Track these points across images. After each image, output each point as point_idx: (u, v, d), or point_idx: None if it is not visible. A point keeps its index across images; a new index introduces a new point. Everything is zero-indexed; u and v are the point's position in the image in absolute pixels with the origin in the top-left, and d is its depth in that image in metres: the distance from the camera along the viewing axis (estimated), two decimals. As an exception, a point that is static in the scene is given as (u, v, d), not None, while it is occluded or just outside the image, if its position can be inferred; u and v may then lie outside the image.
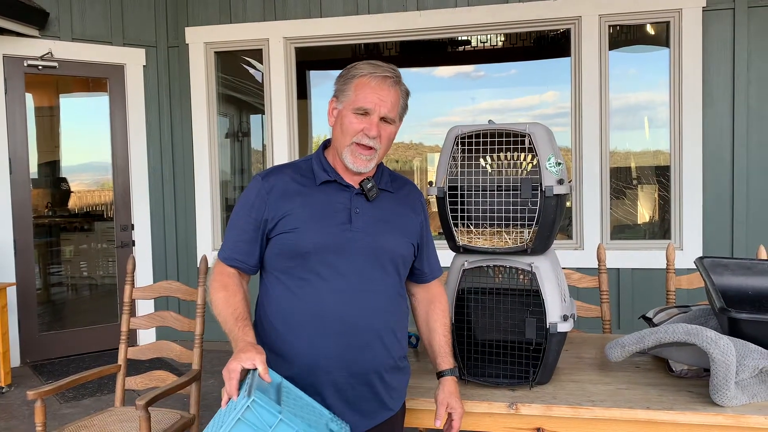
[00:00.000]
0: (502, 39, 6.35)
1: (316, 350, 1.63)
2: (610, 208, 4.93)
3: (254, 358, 1.46)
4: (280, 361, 1.65)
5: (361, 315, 1.64)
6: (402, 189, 1.82)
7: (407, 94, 1.74)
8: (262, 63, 5.48)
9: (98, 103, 5.58)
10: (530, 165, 1.99)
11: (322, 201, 1.68)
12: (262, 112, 5.56)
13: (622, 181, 5.37)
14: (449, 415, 1.77)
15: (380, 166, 1.81)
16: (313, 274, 1.64)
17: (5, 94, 4.91)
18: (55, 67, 5.09)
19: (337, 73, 1.75)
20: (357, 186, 1.73)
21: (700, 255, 4.51)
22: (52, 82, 5.57)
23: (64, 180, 5.79)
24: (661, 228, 5.24)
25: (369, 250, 1.66)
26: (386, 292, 1.70)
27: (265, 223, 1.68)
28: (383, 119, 1.68)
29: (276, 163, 4.96)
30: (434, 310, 1.88)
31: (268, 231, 1.68)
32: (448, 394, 1.78)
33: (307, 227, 1.64)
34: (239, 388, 1.43)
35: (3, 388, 4.36)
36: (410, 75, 7.28)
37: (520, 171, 2.02)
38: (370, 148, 1.67)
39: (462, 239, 2.02)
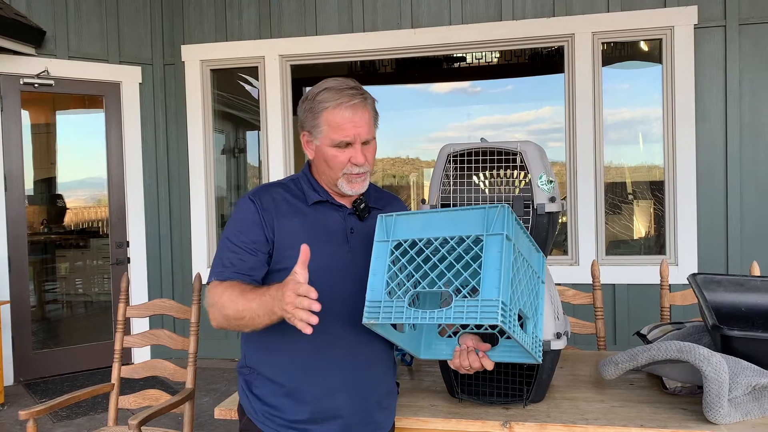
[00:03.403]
0: (498, 55, 6.40)
1: (323, 377, 1.61)
2: (606, 223, 4.94)
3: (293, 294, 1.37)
4: (281, 385, 1.63)
5: (363, 338, 1.62)
6: (389, 205, 1.81)
7: (374, 101, 1.69)
8: (258, 80, 5.51)
9: (94, 120, 5.59)
10: (522, 183, 2.00)
11: (318, 221, 1.65)
12: (259, 128, 5.58)
13: (617, 196, 5.39)
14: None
15: None
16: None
17: (1, 111, 4.92)
18: (51, 85, 5.11)
19: (332, 90, 1.70)
20: (349, 206, 1.71)
21: (695, 271, 4.53)
22: (49, 100, 5.59)
23: (60, 196, 5.79)
24: (656, 243, 5.25)
25: (366, 271, 1.59)
26: None
27: (269, 243, 1.62)
28: (364, 142, 1.65)
29: (272, 179, 4.97)
30: None
31: (270, 251, 1.62)
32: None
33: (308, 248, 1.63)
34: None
35: (-4, 407, 4.33)
36: (406, 91, 7.33)
37: (512, 188, 2.03)
38: (361, 173, 1.66)
39: (455, 257, 2.02)
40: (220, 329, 1.60)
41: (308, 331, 1.34)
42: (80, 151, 5.86)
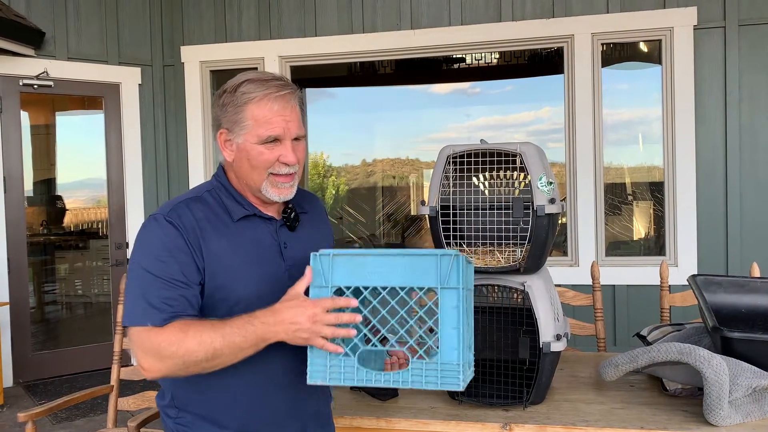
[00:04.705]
0: (497, 56, 6.40)
1: (271, 411, 1.49)
2: (606, 224, 4.93)
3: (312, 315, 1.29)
4: (224, 427, 1.47)
5: (303, 357, 1.44)
6: (312, 206, 1.68)
7: (301, 97, 1.53)
8: (257, 81, 5.50)
9: (94, 121, 5.59)
10: (522, 184, 2.00)
11: (248, 240, 1.46)
12: (258, 130, 5.57)
13: (617, 196, 5.38)
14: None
15: None
16: None
17: (0, 113, 4.91)
18: (50, 86, 5.10)
19: (334, 90, 1.60)
20: (277, 217, 1.54)
21: (695, 272, 4.53)
22: (48, 101, 5.59)
23: (60, 198, 5.78)
24: (656, 244, 5.24)
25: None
26: None
27: (201, 272, 1.40)
28: (294, 139, 1.47)
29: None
30: None
31: (202, 281, 1.41)
32: None
33: (242, 273, 1.43)
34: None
35: (-5, 408, 4.33)
36: (406, 92, 7.32)
37: (512, 190, 2.03)
38: (290, 174, 1.48)
39: (455, 258, 2.01)
40: (164, 378, 1.39)
41: (338, 349, 1.33)
42: (80, 152, 5.85)
